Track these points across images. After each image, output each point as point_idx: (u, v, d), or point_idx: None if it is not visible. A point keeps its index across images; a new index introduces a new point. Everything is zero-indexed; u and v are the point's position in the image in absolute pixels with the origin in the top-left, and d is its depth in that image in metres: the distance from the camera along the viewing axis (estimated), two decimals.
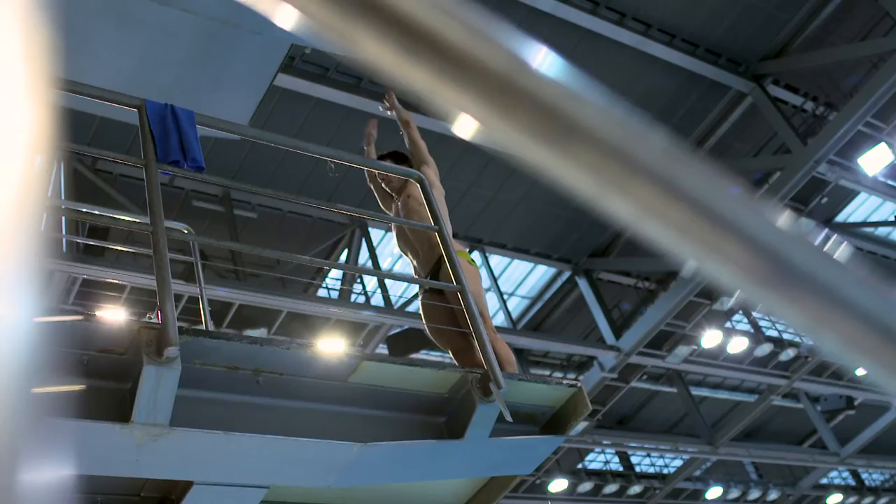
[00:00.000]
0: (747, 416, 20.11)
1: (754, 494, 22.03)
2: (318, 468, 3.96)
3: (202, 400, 3.65)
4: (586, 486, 19.84)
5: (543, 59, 0.51)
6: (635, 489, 20.51)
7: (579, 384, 4.69)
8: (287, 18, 0.49)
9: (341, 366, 4.00)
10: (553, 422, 4.72)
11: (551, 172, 0.54)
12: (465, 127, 0.53)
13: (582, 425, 18.64)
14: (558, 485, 19.58)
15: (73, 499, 4.07)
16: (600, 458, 22.37)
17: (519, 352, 17.72)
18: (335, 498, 4.44)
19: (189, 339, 3.52)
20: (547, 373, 18.69)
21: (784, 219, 0.58)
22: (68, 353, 3.43)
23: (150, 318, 4.22)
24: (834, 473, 24.80)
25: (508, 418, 4.12)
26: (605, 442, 19.53)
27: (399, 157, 5.75)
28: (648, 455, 22.00)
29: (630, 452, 21.67)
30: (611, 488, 20.17)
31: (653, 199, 0.53)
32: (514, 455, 4.58)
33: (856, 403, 21.43)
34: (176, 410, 3.51)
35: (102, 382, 3.50)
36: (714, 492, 21.65)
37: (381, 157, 5.67)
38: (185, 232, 6.81)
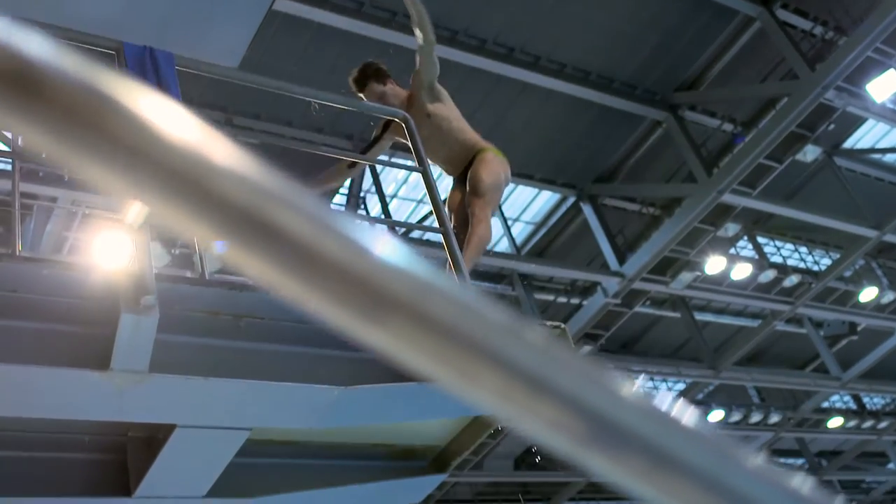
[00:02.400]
0: (750, 341, 20.25)
1: (756, 418, 22.27)
2: (300, 411, 4.03)
3: (183, 345, 3.69)
4: None
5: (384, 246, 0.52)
6: None
7: (563, 326, 4.72)
8: None
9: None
10: None
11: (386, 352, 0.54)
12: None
13: (585, 349, 18.81)
14: None
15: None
16: None
17: (523, 277, 17.82)
18: (319, 436, 4.52)
19: (167, 287, 3.55)
20: (551, 298, 18.79)
21: (626, 387, 0.58)
22: (47, 300, 3.47)
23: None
24: (835, 397, 25.05)
25: None
26: (608, 366, 19.69)
27: (375, 72, 5.62)
28: (651, 379, 22.22)
29: (634, 375, 21.88)
30: None
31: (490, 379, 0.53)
32: None
33: (858, 329, 21.53)
34: (156, 355, 3.56)
35: (82, 328, 3.55)
36: (716, 415, 21.90)
37: (358, 74, 5.63)
38: None
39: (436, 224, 4.63)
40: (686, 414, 0.59)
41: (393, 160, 15.33)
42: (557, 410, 0.53)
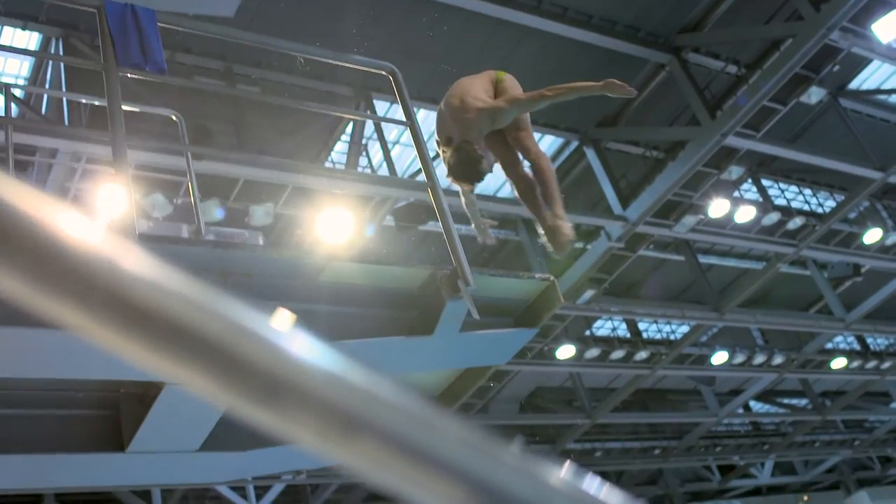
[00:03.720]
0: (754, 284, 20.28)
1: (759, 359, 22.40)
2: None
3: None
4: (593, 353, 20.24)
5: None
6: (642, 355, 20.87)
7: (551, 278, 4.75)
8: None
9: (309, 265, 4.06)
10: (526, 314, 4.81)
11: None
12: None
13: (589, 293, 18.86)
14: (566, 351, 19.97)
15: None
16: (608, 325, 22.74)
17: (527, 222, 17.80)
18: None
19: (151, 247, 3.58)
20: None
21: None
22: None
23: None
24: (839, 338, 25.15)
25: (476, 316, 4.20)
26: (612, 309, 19.77)
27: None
28: (655, 322, 22.33)
29: (637, 319, 21.97)
30: (618, 354, 20.53)
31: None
32: (486, 347, 4.69)
33: (862, 271, 21.54)
34: None
35: None
36: (719, 356, 22.02)
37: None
38: (174, 118, 6.82)
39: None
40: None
41: (382, 115, 15.32)
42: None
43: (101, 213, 9.50)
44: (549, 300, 4.72)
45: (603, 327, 22.90)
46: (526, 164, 5.46)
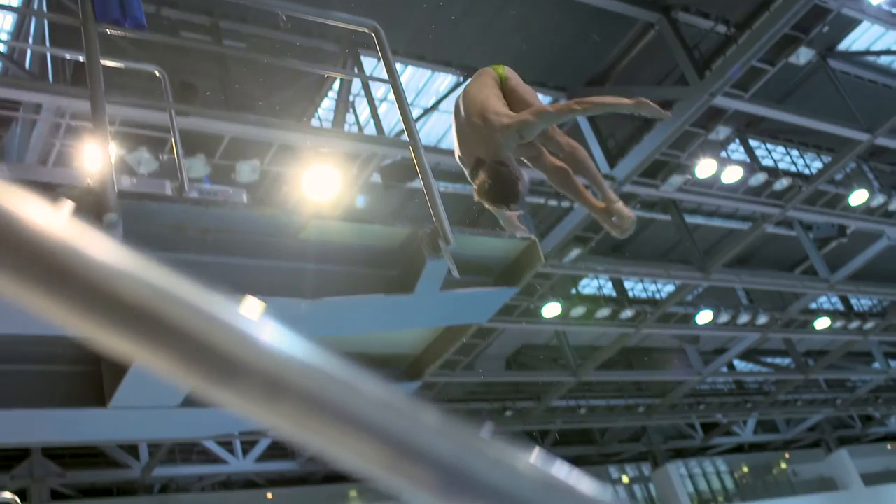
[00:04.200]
0: (740, 244, 20.38)
1: (744, 319, 22.56)
2: None
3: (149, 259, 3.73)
4: (579, 311, 20.35)
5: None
6: (627, 314, 21.00)
7: (533, 237, 4.77)
8: None
9: (290, 222, 4.07)
10: (507, 273, 4.84)
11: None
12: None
13: (576, 252, 18.93)
14: (552, 309, 20.07)
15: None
16: (594, 284, 22.84)
17: None
18: None
19: (130, 203, 3.58)
20: (541, 201, 18.79)
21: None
22: None
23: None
24: (823, 299, 25.34)
25: (456, 275, 4.23)
26: (598, 268, 19.84)
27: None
28: (641, 281, 22.44)
29: (623, 278, 22.08)
30: (603, 313, 20.65)
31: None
32: (467, 306, 4.72)
33: (848, 232, 21.66)
34: None
35: None
36: (704, 316, 22.17)
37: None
38: (157, 74, 6.77)
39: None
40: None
41: (367, 74, 15.20)
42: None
43: (84, 169, 9.46)
44: (530, 259, 4.74)
45: (589, 286, 23.01)
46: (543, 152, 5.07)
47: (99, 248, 0.57)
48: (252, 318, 0.57)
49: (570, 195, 5.28)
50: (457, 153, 4.86)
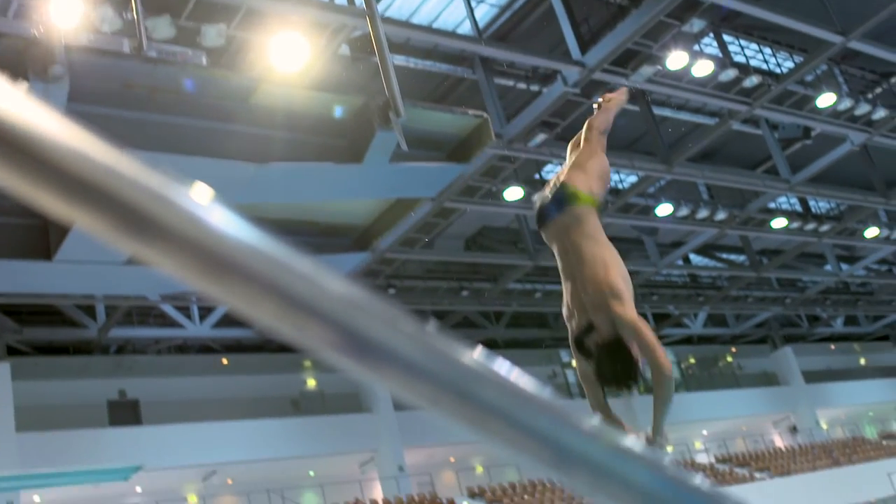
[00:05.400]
0: (705, 139, 20.47)
1: (703, 213, 22.82)
2: (216, 186, 4.11)
3: (95, 115, 3.72)
4: None
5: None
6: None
7: (484, 115, 4.80)
8: None
9: (241, 86, 4.06)
10: (458, 149, 4.87)
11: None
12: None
13: (541, 137, 18.92)
14: (514, 192, 20.15)
15: None
16: (557, 171, 22.91)
17: (484, 61, 17.61)
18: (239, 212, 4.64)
19: (78, 58, 3.55)
20: (510, 83, 18.64)
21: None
22: None
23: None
24: (782, 199, 25.65)
25: (404, 147, 4.26)
26: (563, 154, 19.84)
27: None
28: None
29: None
30: None
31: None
32: (416, 179, 4.76)
33: (813, 134, 21.78)
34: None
35: None
36: (664, 208, 22.40)
37: None
38: None
39: None
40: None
41: None
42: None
43: (38, 23, 9.22)
44: (480, 137, 4.78)
45: (553, 171, 23.07)
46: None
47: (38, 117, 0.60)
48: (174, 182, 0.61)
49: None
50: (565, 308, 4.09)
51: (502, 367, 0.57)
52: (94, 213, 0.58)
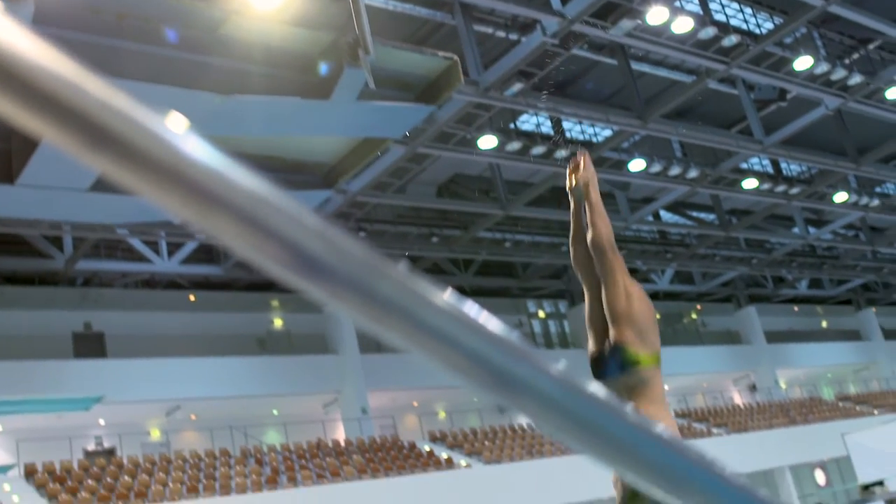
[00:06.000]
0: (681, 96, 20.49)
1: (675, 171, 22.93)
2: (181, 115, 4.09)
3: (60, 39, 3.68)
4: (515, 146, 20.41)
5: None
6: (562, 153, 21.13)
7: (454, 57, 4.79)
8: None
9: (210, 16, 4.03)
10: (427, 91, 4.87)
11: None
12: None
13: (518, 86, 18.83)
14: (488, 141, 20.11)
15: None
16: (532, 121, 22.87)
17: (464, 7, 17.45)
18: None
19: None
20: (490, 31, 18.50)
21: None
22: None
23: None
24: (755, 160, 25.78)
25: (371, 85, 4.26)
26: (539, 105, 19.81)
27: None
28: (580, 123, 22.51)
29: (562, 118, 22.13)
30: (538, 150, 20.75)
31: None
32: (383, 119, 4.77)
33: (788, 97, 21.86)
34: None
35: None
36: (637, 164, 22.49)
37: None
38: None
39: None
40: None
41: None
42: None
43: None
44: (450, 79, 4.78)
45: (528, 122, 23.04)
46: None
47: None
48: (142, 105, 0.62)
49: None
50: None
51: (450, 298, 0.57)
52: (62, 122, 0.60)
